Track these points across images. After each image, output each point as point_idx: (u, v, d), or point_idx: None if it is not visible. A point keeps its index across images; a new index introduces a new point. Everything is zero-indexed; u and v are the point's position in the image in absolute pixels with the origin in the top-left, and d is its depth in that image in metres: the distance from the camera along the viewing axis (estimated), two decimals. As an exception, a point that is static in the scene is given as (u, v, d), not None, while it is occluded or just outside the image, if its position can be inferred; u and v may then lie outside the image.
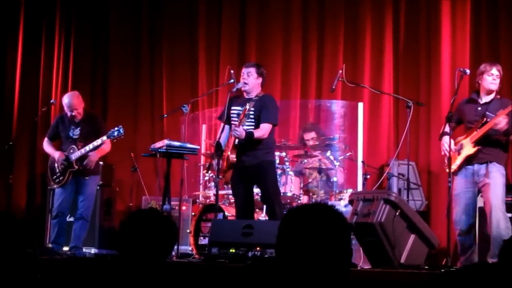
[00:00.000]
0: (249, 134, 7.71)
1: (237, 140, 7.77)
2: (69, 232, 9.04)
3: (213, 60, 11.17)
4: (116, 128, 8.66)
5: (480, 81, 7.51)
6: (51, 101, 10.58)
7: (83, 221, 8.87)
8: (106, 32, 11.73)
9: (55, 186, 9.00)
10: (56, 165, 8.94)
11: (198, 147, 8.96)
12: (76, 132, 8.93)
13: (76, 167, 8.79)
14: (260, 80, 8.02)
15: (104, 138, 8.66)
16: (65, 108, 8.99)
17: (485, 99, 7.50)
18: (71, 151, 8.85)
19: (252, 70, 7.97)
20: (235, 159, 7.78)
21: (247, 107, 7.70)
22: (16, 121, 11.56)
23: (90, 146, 8.73)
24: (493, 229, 7.15)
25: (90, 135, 8.82)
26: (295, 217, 2.66)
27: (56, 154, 8.94)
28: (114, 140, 8.75)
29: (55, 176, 8.96)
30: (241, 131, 7.64)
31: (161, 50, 11.46)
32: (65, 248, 8.97)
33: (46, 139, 9.25)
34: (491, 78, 7.42)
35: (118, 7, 11.72)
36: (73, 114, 8.89)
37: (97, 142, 8.68)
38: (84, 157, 8.78)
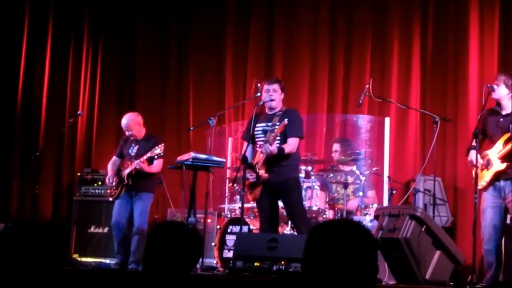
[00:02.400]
0: (280, 150, 7.73)
1: (264, 156, 7.75)
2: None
3: (240, 73, 11.19)
4: (155, 148, 8.91)
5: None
6: (78, 112, 10.70)
7: (138, 236, 9.07)
8: (133, 45, 11.81)
9: (111, 199, 9.32)
10: (113, 181, 9.29)
11: (224, 160, 8.97)
12: (134, 150, 9.29)
13: (126, 181, 9.11)
14: (283, 95, 8.09)
15: (142, 159, 8.94)
16: (123, 128, 9.42)
17: (505, 110, 7.41)
18: (126, 167, 9.21)
19: (277, 87, 8.03)
20: (266, 176, 7.77)
21: (285, 122, 7.69)
22: (43, 131, 11.63)
23: (134, 165, 9.02)
24: None
25: (144, 154, 9.05)
26: (321, 233, 2.68)
27: (109, 173, 9.37)
28: (157, 158, 9.00)
29: (111, 190, 9.32)
30: (273, 148, 7.65)
31: (188, 62, 11.52)
32: (90, 260, 9.04)
33: (114, 157, 9.61)
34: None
35: (146, 19, 11.80)
36: (129, 133, 9.33)
37: (143, 158, 8.96)
38: (137, 174, 9.05)
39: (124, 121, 9.35)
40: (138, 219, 9.13)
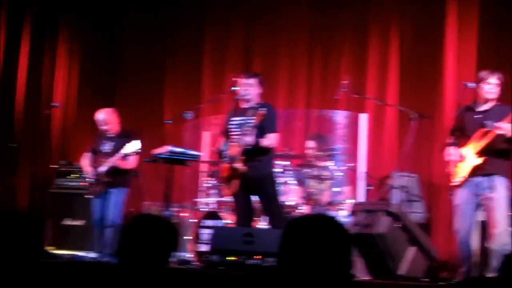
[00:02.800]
0: (257, 143, 7.70)
1: (240, 150, 7.73)
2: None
3: (218, 67, 11.18)
4: (128, 144, 8.85)
5: (477, 88, 7.41)
6: (54, 104, 10.57)
7: (112, 229, 9.03)
8: (112, 36, 11.77)
9: (90, 197, 9.27)
10: (91, 178, 9.24)
11: (200, 153, 9.00)
12: (108, 147, 9.21)
13: (104, 179, 9.08)
14: (260, 90, 8.02)
15: (117, 155, 8.91)
16: (99, 123, 9.34)
17: (482, 107, 7.39)
18: (100, 164, 9.13)
19: (253, 81, 7.97)
20: (245, 168, 7.73)
21: (263, 111, 7.65)
22: (19, 123, 11.53)
23: (110, 162, 8.99)
24: (495, 243, 7.05)
25: (120, 150, 9.00)
26: (297, 228, 2.72)
27: (85, 169, 9.34)
28: (135, 154, 8.97)
29: (89, 188, 9.26)
30: (251, 139, 7.62)
31: (166, 55, 11.49)
32: (65, 252, 8.99)
33: (87, 153, 9.53)
34: (488, 87, 7.32)
35: (125, 11, 11.75)
36: (105, 128, 9.24)
37: (119, 155, 8.93)
38: (114, 170, 9.03)
39: (100, 115, 9.32)
40: (113, 213, 9.10)
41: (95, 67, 11.78)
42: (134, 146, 8.82)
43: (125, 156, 8.94)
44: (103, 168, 9.08)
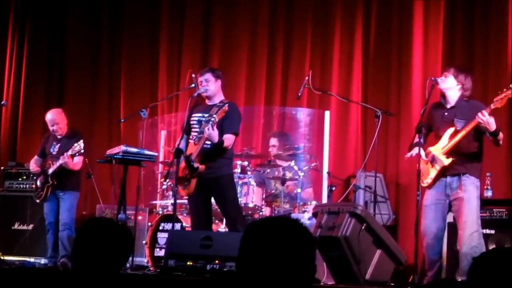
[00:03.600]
0: (220, 141, 7.45)
1: (198, 148, 7.43)
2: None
3: (174, 63, 11.04)
4: (76, 144, 8.76)
5: None
6: (2, 102, 10.43)
7: (67, 231, 8.96)
8: (62, 31, 11.61)
9: (38, 200, 9.18)
10: (38, 181, 9.19)
11: (156, 154, 8.88)
12: (55, 148, 9.17)
13: (51, 181, 8.98)
14: (219, 82, 7.80)
15: (65, 156, 8.81)
16: (48, 124, 9.30)
17: (450, 103, 7.25)
18: (48, 166, 9.06)
19: (209, 76, 7.76)
20: (203, 167, 7.48)
21: (226, 107, 7.42)
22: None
23: (59, 163, 8.88)
24: (464, 245, 6.93)
25: (68, 151, 8.90)
26: (257, 230, 2.64)
27: (34, 171, 9.31)
28: (77, 155, 8.88)
29: (36, 192, 9.20)
30: (215, 134, 7.33)
31: (120, 51, 11.37)
32: (14, 258, 8.83)
33: (35, 156, 9.46)
34: (440, 79, 7.25)
35: (76, 5, 11.61)
36: (55, 129, 9.19)
37: (67, 154, 8.81)
38: (61, 172, 8.94)
39: (49, 116, 9.29)
40: (65, 218, 9.03)
41: (44, 64, 11.62)
42: (80, 146, 8.72)
43: (73, 156, 8.85)
44: (50, 170, 9.00)
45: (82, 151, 8.75)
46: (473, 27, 9.61)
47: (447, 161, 7.10)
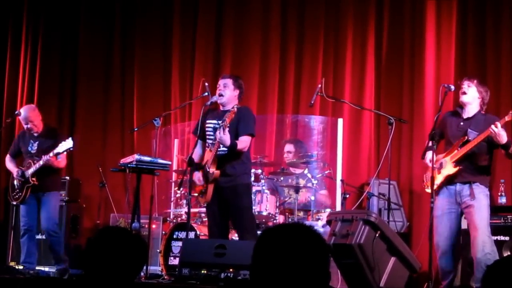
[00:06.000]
0: (233, 144, 7.39)
1: (213, 154, 7.41)
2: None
3: (187, 71, 11.01)
4: (63, 142, 8.57)
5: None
6: (16, 112, 10.33)
7: (51, 237, 8.78)
8: (75, 42, 11.62)
9: (15, 202, 8.95)
10: (15, 181, 8.90)
11: (169, 162, 8.77)
12: (34, 147, 8.89)
13: (32, 182, 8.73)
14: (237, 92, 7.73)
15: (51, 154, 8.58)
16: (22, 122, 9.03)
17: (467, 114, 7.26)
18: (28, 166, 8.80)
19: (229, 82, 7.69)
20: (218, 173, 7.43)
21: (234, 109, 7.38)
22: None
23: (42, 161, 8.64)
24: (478, 253, 6.91)
25: (48, 149, 8.69)
26: (271, 238, 2.63)
27: (14, 171, 8.95)
28: (65, 153, 8.67)
29: (14, 193, 8.91)
30: (226, 137, 7.28)
31: (133, 61, 11.35)
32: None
33: (8, 156, 9.22)
34: (460, 91, 7.24)
35: (88, 16, 11.62)
36: (29, 126, 8.90)
37: (49, 156, 8.59)
38: (42, 172, 8.68)
39: (23, 113, 8.98)
40: (48, 220, 8.79)
41: (57, 73, 11.62)
42: (67, 144, 8.55)
43: (57, 155, 8.62)
44: (30, 170, 8.73)
45: (71, 148, 8.60)
46: (485, 34, 9.59)
47: (452, 170, 7.13)
